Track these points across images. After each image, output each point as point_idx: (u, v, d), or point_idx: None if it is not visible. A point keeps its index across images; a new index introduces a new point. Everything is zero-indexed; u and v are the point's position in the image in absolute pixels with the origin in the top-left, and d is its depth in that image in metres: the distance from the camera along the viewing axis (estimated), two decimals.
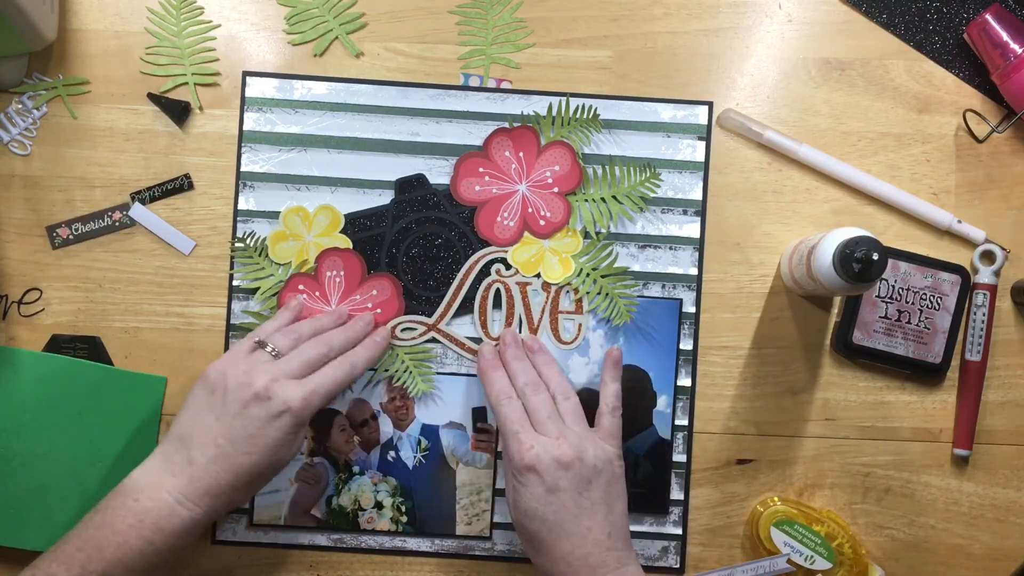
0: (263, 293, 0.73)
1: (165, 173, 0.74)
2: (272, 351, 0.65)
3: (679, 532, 0.73)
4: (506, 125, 0.74)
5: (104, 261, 0.73)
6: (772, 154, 0.75)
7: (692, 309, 0.74)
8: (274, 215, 0.74)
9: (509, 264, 0.74)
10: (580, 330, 0.73)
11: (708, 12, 0.75)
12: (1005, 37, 0.72)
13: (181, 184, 0.74)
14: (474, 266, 0.74)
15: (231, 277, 0.74)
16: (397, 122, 0.74)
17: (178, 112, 0.73)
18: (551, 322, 0.73)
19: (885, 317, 0.73)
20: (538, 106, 0.74)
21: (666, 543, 0.73)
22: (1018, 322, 0.75)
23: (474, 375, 0.73)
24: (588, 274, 0.73)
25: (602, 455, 0.65)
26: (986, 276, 0.73)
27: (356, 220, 0.74)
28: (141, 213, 0.73)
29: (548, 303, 0.74)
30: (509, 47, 0.75)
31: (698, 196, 0.74)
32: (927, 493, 0.74)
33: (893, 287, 0.73)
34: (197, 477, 0.61)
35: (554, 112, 0.74)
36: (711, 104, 0.75)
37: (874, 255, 0.62)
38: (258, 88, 0.74)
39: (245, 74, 0.74)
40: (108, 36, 0.74)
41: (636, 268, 0.74)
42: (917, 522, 0.74)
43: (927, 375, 0.74)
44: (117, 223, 0.73)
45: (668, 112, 0.75)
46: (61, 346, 0.72)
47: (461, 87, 0.74)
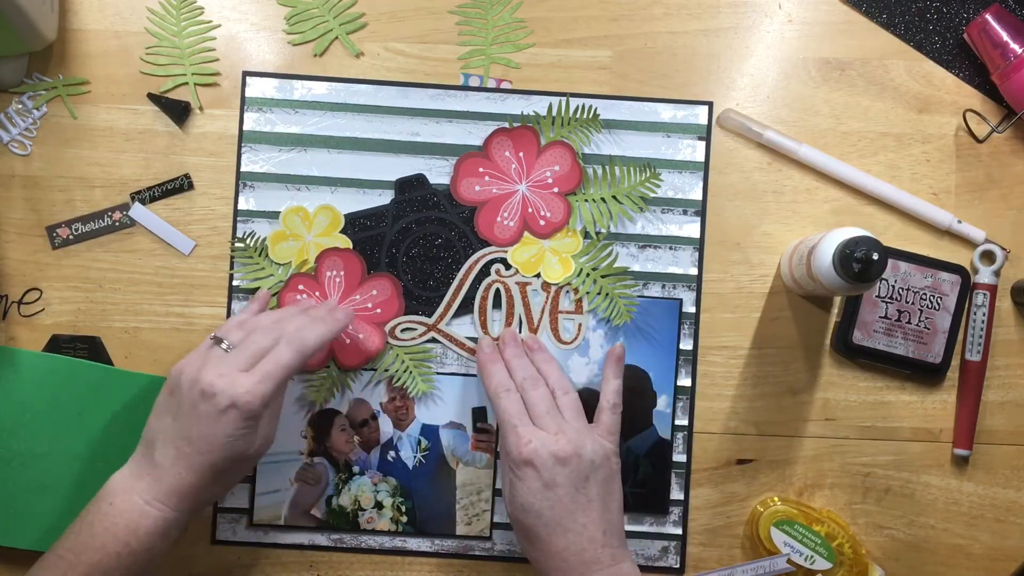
0: None
1: (165, 173, 0.74)
2: (226, 346, 0.64)
3: (679, 532, 0.73)
4: (506, 125, 0.74)
5: (104, 261, 0.73)
6: (772, 154, 0.75)
7: (692, 309, 0.74)
8: (274, 215, 0.74)
9: (509, 264, 0.74)
10: (580, 330, 0.73)
11: (708, 12, 0.75)
12: (1005, 37, 0.72)
13: (181, 184, 0.74)
14: (474, 266, 0.74)
15: (231, 277, 0.74)
16: (397, 122, 0.74)
17: (178, 112, 0.73)
18: (551, 322, 0.73)
19: (885, 317, 0.73)
20: (538, 106, 0.74)
21: (666, 543, 0.73)
22: (1018, 322, 0.75)
23: (474, 375, 0.73)
24: (588, 274, 0.73)
25: (600, 451, 0.65)
26: (986, 276, 0.73)
27: (356, 220, 0.74)
28: (141, 213, 0.73)
29: (548, 303, 0.74)
30: (509, 47, 0.75)
31: (698, 196, 0.74)
32: (927, 493, 0.74)
33: (893, 287, 0.73)
34: (161, 478, 0.61)
35: (554, 112, 0.74)
36: (711, 104, 0.75)
37: (874, 255, 0.62)
38: (258, 88, 0.74)
39: (245, 74, 0.74)
40: (108, 36, 0.74)
41: (636, 268, 0.74)
42: (917, 522, 0.74)
43: (927, 375, 0.74)
44: (117, 223, 0.73)
45: (668, 112, 0.75)
46: (61, 346, 0.72)
47: (461, 87, 0.74)
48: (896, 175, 0.75)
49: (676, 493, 0.74)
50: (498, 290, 0.74)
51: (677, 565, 0.73)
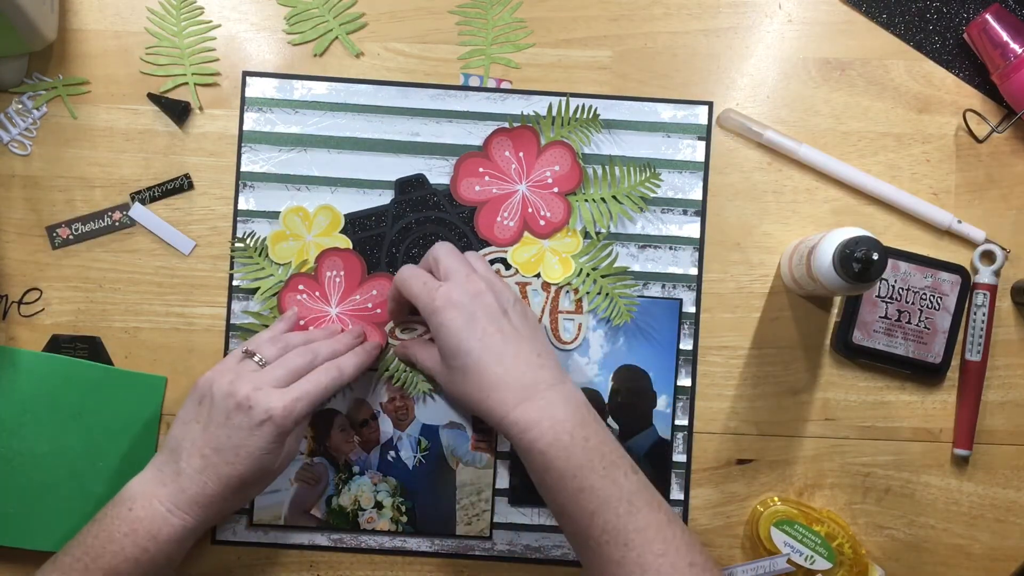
0: (263, 293, 0.73)
1: (165, 173, 0.74)
2: (259, 360, 0.65)
3: None
4: (506, 125, 0.74)
5: (104, 261, 0.73)
6: (772, 154, 0.75)
7: (692, 309, 0.74)
8: (274, 215, 0.74)
9: (509, 264, 0.74)
10: (580, 330, 0.73)
11: (708, 12, 0.75)
12: (1005, 37, 0.72)
13: (181, 184, 0.74)
14: None
15: (231, 277, 0.74)
16: (397, 122, 0.74)
17: (178, 112, 0.73)
18: (551, 322, 0.73)
19: (885, 317, 0.73)
20: (538, 106, 0.74)
21: None
22: (1018, 322, 0.75)
23: None
24: (588, 274, 0.73)
25: (509, 291, 0.66)
26: (986, 276, 0.73)
27: (356, 220, 0.74)
28: (141, 213, 0.73)
29: (548, 303, 0.74)
30: (509, 47, 0.75)
31: (698, 196, 0.74)
32: (927, 493, 0.74)
33: (893, 287, 0.73)
34: (186, 487, 0.62)
35: (554, 112, 0.74)
36: (711, 104, 0.75)
37: (874, 255, 0.62)
38: (258, 88, 0.74)
39: (245, 74, 0.74)
40: (108, 36, 0.74)
41: (636, 268, 0.74)
42: (917, 522, 0.74)
43: (927, 375, 0.74)
44: (117, 223, 0.73)
45: (668, 112, 0.75)
46: (61, 346, 0.72)
47: (461, 87, 0.74)
48: (896, 175, 0.75)
49: (676, 493, 0.74)
50: None
51: None
